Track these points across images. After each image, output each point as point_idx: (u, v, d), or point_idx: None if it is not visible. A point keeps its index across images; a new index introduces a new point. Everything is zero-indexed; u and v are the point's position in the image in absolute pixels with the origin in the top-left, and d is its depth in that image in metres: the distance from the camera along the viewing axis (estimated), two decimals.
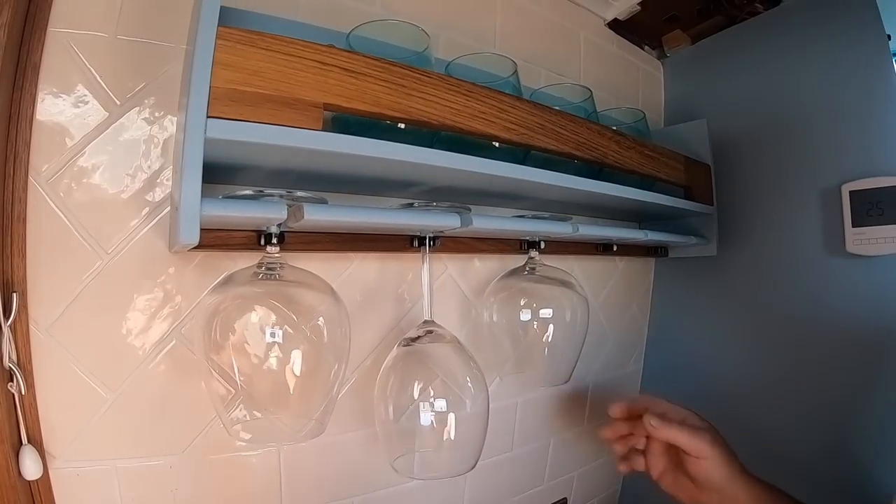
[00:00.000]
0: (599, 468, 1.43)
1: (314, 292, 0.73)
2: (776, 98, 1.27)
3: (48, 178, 0.68)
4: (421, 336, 0.82)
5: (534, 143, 0.83)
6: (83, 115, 0.70)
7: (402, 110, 0.68)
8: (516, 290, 0.98)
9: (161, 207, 0.75)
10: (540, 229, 0.92)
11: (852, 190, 1.09)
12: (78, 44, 0.69)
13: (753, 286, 1.26)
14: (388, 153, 0.66)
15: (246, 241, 0.73)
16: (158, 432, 0.76)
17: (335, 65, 0.63)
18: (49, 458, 0.69)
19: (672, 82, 1.55)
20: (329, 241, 0.81)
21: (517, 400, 1.18)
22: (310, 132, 0.60)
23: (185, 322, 0.77)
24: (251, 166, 0.70)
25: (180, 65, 0.74)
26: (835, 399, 1.03)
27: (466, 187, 0.88)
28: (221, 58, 0.56)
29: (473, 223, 0.76)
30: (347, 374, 0.90)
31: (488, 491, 1.17)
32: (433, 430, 0.80)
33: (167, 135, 0.75)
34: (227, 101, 0.56)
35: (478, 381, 0.82)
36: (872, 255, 1.06)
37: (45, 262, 0.68)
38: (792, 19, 1.24)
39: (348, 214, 0.68)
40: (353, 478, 0.95)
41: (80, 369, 0.71)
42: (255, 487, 0.85)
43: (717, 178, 1.30)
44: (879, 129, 1.09)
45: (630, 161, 1.01)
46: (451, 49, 0.99)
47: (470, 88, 0.75)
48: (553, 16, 1.26)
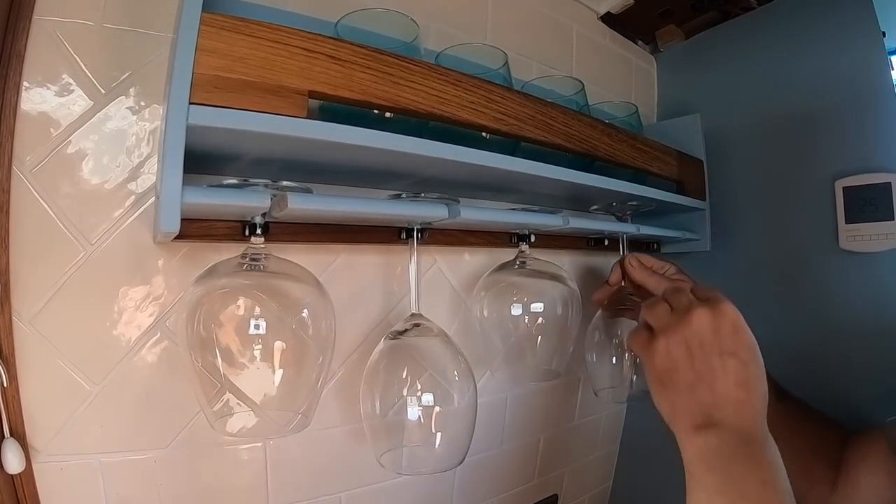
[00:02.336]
0: (591, 464, 1.43)
1: (299, 284, 0.72)
2: (770, 94, 1.27)
3: (32, 168, 0.67)
4: (408, 329, 0.82)
5: (523, 134, 0.82)
6: (68, 104, 0.70)
7: (389, 99, 0.67)
8: (507, 284, 0.97)
9: (146, 198, 0.74)
10: (530, 221, 0.92)
11: (846, 186, 1.09)
12: (63, 32, 0.69)
13: (746, 282, 1.26)
14: (372, 141, 0.65)
15: (230, 231, 0.72)
16: (143, 426, 0.76)
17: (321, 52, 0.62)
18: (32, 451, 0.68)
19: (665, 77, 1.55)
20: (315, 233, 0.80)
21: (507, 395, 1.18)
22: (293, 119, 0.59)
23: (170, 314, 0.76)
24: (237, 155, 0.69)
25: (166, 54, 0.73)
26: (827, 397, 1.02)
27: (456, 179, 0.87)
28: (205, 44, 0.55)
29: (462, 214, 0.76)
30: (334, 368, 0.90)
31: (477, 487, 1.17)
32: (420, 425, 0.79)
33: (152, 124, 0.75)
34: (211, 88, 0.56)
35: (465, 374, 0.82)
36: (866, 251, 1.07)
37: (29, 252, 0.67)
38: (786, 15, 1.24)
39: (333, 204, 0.68)
40: (341, 473, 0.94)
41: (64, 362, 0.70)
42: (242, 482, 0.84)
43: (710, 174, 1.30)
44: (873, 126, 1.09)
45: (622, 154, 1.00)
46: (441, 40, 0.99)
47: (458, 78, 0.74)
48: (545, 9, 1.26)
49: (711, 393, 0.64)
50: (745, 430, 0.62)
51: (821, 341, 1.13)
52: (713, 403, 0.64)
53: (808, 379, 1.08)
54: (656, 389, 0.70)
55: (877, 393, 1.02)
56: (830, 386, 1.08)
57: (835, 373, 1.09)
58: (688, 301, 0.70)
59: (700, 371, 0.65)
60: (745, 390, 0.64)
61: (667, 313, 0.71)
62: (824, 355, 1.12)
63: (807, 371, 1.11)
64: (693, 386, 0.65)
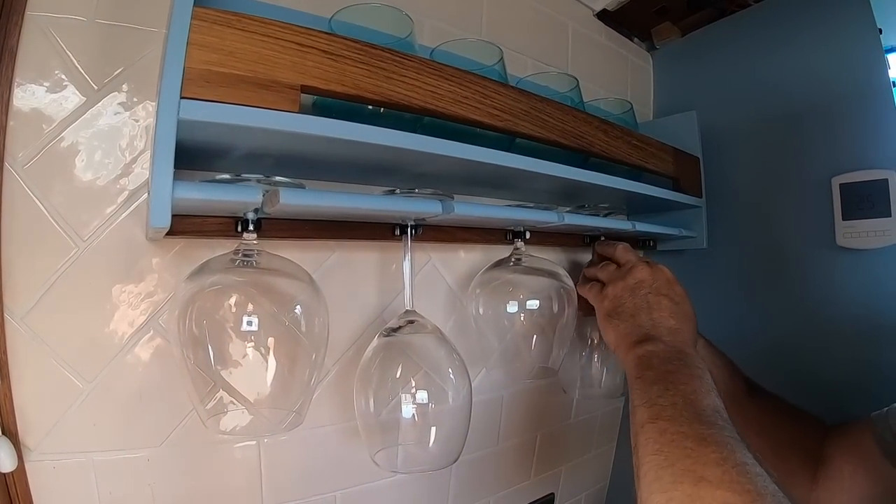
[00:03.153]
0: (587, 463, 1.43)
1: (292, 280, 0.72)
2: (766, 91, 1.27)
3: (24, 164, 0.67)
4: (402, 326, 0.82)
5: (518, 130, 0.82)
6: (60, 100, 0.69)
7: (382, 94, 0.67)
8: (502, 281, 0.97)
9: (138, 194, 0.74)
10: (525, 217, 0.92)
11: (842, 183, 1.10)
12: (56, 28, 0.68)
13: (743, 279, 1.26)
14: (365, 136, 0.65)
15: (222, 227, 0.72)
16: (135, 424, 0.75)
17: (314, 47, 0.62)
18: (25, 450, 0.68)
19: (661, 75, 1.55)
20: (308, 229, 0.80)
21: (503, 393, 1.18)
22: (285, 114, 0.59)
23: (163, 312, 0.76)
24: (229, 151, 0.69)
25: (159, 49, 0.73)
26: (825, 393, 1.03)
27: (451, 175, 0.87)
28: (196, 38, 0.55)
29: (455, 210, 0.76)
30: (329, 366, 0.90)
31: (474, 486, 1.17)
32: (414, 423, 0.79)
33: (144, 121, 0.74)
34: (202, 82, 0.56)
35: (460, 371, 0.82)
36: (863, 248, 1.07)
37: (20, 249, 0.67)
38: (782, 12, 1.25)
39: (325, 199, 0.68)
40: (336, 472, 0.94)
41: (56, 360, 0.70)
42: (235, 481, 0.84)
43: (707, 171, 1.30)
44: (870, 123, 1.09)
45: (617, 150, 1.00)
46: (436, 36, 0.99)
47: (452, 73, 0.74)
48: (541, 5, 1.26)
49: (650, 319, 0.81)
50: (677, 348, 0.76)
51: (817, 337, 1.13)
52: (651, 326, 0.80)
53: (803, 374, 1.08)
54: (604, 325, 0.87)
55: (873, 388, 1.03)
56: (826, 381, 1.09)
57: (831, 369, 1.10)
58: (635, 258, 0.91)
59: (638, 304, 0.84)
60: (677, 320, 0.81)
61: (615, 269, 0.92)
62: (820, 351, 1.12)
63: (802, 366, 1.11)
64: (634, 315, 0.83)
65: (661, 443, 0.59)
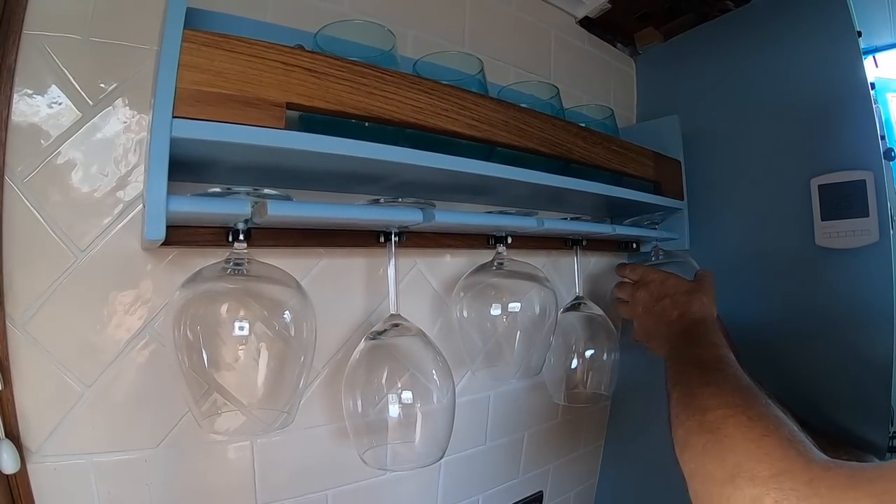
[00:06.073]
0: (576, 461, 1.45)
1: (281, 287, 0.74)
2: (747, 94, 1.29)
3: (23, 178, 0.69)
4: (387, 329, 0.83)
5: (497, 140, 0.85)
6: (57, 115, 0.71)
7: (365, 108, 0.70)
8: (485, 285, 0.99)
9: (133, 205, 0.76)
10: (505, 224, 0.94)
11: (821, 184, 1.11)
12: (52, 46, 0.71)
13: (724, 280, 1.27)
14: (348, 150, 0.68)
15: (214, 237, 0.75)
16: (133, 427, 0.77)
17: (297, 65, 0.65)
18: (26, 452, 0.70)
19: (644, 79, 1.56)
20: (296, 237, 0.82)
21: (489, 393, 1.19)
22: (271, 130, 0.62)
23: (158, 318, 0.78)
24: (220, 164, 0.72)
25: (151, 65, 0.75)
26: (805, 393, 1.04)
27: (433, 182, 0.89)
28: (187, 60, 0.58)
29: (436, 218, 0.78)
30: (319, 368, 0.92)
31: (463, 484, 1.18)
32: (400, 422, 0.81)
33: (138, 134, 0.77)
34: (192, 102, 0.58)
35: (444, 372, 0.84)
36: (842, 248, 1.08)
37: (21, 260, 0.69)
38: (763, 16, 1.26)
39: (311, 210, 0.70)
40: (327, 471, 0.96)
41: (56, 365, 0.72)
42: (229, 481, 0.86)
43: (689, 174, 1.32)
44: (848, 124, 1.10)
45: (597, 157, 1.02)
46: (420, 47, 1.01)
47: (432, 86, 0.76)
48: (523, 14, 1.28)
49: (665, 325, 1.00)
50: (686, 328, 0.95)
51: (798, 337, 1.14)
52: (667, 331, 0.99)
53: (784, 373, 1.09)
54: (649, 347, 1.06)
55: (852, 387, 1.04)
56: (806, 381, 1.09)
57: (811, 368, 1.11)
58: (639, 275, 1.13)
59: (656, 312, 1.04)
60: (680, 309, 1.00)
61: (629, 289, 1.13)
62: (801, 351, 1.13)
63: (784, 366, 1.12)
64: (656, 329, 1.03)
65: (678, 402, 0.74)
